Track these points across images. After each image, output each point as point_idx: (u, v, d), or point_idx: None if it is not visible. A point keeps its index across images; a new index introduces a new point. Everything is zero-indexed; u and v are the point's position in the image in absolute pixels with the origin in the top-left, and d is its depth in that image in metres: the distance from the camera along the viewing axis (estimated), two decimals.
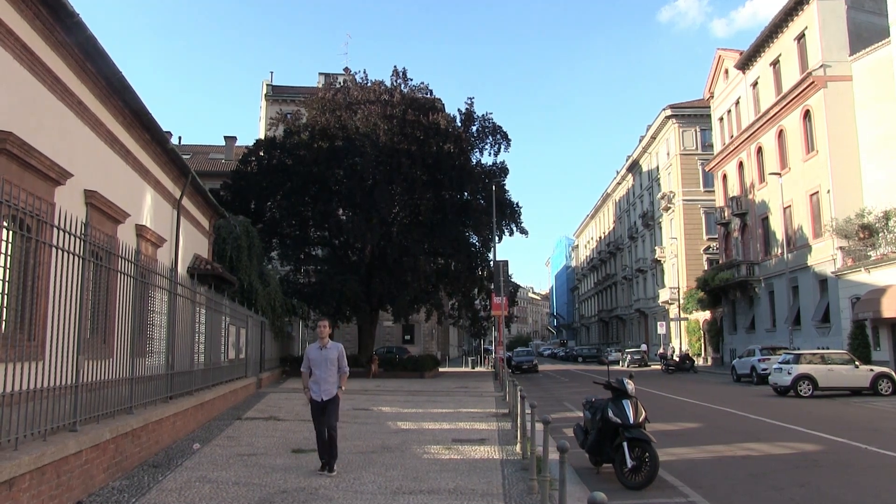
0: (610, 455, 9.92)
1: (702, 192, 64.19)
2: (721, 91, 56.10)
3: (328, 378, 10.00)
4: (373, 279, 40.45)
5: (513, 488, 8.80)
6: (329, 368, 10.03)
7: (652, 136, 73.20)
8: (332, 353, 10.09)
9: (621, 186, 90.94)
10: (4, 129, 9.71)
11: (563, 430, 14.15)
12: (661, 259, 70.76)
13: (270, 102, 65.67)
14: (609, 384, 10.37)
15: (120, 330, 9.42)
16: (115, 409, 9.27)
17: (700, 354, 58.87)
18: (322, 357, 10.06)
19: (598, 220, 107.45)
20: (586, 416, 11.03)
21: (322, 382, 9.99)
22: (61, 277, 7.28)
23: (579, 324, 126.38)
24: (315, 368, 10.06)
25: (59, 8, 10.78)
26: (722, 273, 51.80)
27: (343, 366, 10.17)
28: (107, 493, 8.14)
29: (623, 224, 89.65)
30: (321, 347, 10.12)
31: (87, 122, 13.22)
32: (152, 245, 17.91)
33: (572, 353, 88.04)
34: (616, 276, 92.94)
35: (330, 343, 10.17)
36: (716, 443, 13.70)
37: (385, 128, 38.60)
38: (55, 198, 11.30)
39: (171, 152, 19.03)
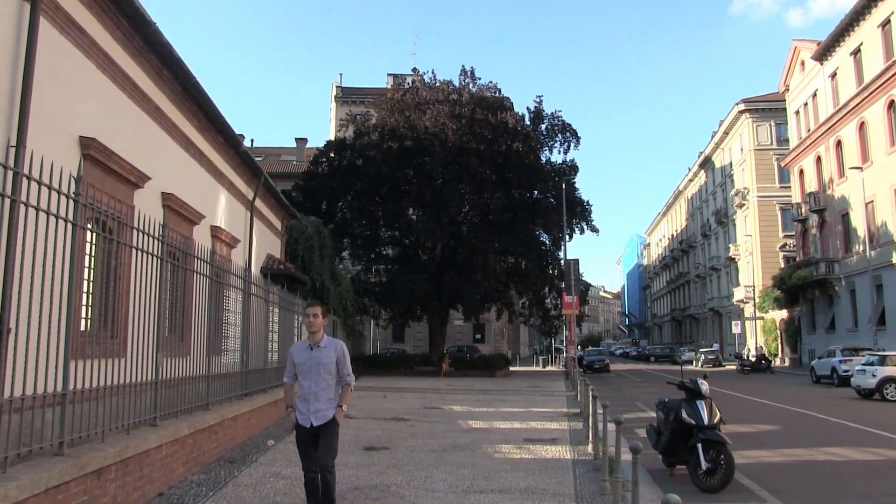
0: (684, 457, 9.70)
1: (777, 188, 62.41)
2: (797, 83, 54.48)
3: (320, 393, 6.73)
4: (443, 278, 40.58)
5: (584, 489, 8.71)
6: (322, 378, 6.74)
7: (724, 132, 71.50)
8: (328, 355, 6.82)
9: (693, 183, 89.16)
10: (88, 135, 10.06)
11: (636, 431, 13.94)
12: (735, 257, 69.11)
13: (340, 104, 66.50)
14: (683, 384, 10.16)
15: (196, 328, 9.65)
16: (192, 406, 9.51)
17: (777, 355, 57.28)
18: (312, 361, 6.79)
19: (670, 218, 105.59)
20: (659, 417, 10.83)
21: (312, 399, 6.72)
22: (141, 277, 7.51)
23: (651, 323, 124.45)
24: (302, 377, 6.83)
25: (138, 18, 11.12)
26: (799, 271, 50.26)
27: (345, 374, 6.90)
28: (186, 486, 8.37)
29: (695, 221, 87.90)
30: (311, 346, 6.87)
31: (164, 126, 13.59)
32: (227, 246, 18.31)
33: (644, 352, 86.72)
34: (689, 275, 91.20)
35: (325, 340, 6.91)
36: (795, 446, 13.26)
37: (454, 127, 38.65)
38: (134, 200, 11.65)
39: (243, 155, 19.41)
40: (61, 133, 9.46)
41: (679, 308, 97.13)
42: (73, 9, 9.68)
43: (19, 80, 8.42)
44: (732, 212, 69.90)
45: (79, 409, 6.30)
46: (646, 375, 44.94)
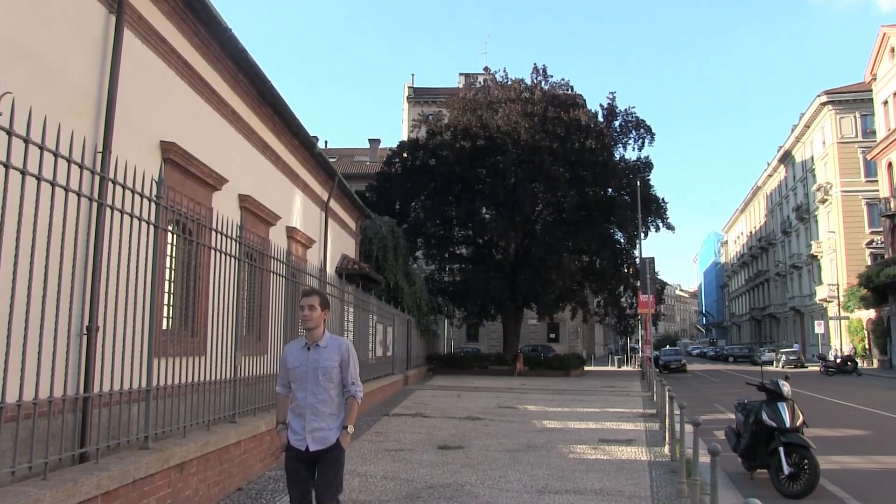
0: (765, 461, 9.39)
1: (863, 183, 60.04)
2: (886, 72, 52.35)
3: (319, 406, 5.17)
4: (517, 277, 40.47)
5: (661, 491, 8.56)
6: (321, 387, 5.19)
7: (805, 125, 69.20)
8: (329, 357, 5.25)
9: (773, 179, 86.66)
10: (168, 139, 10.38)
11: (714, 433, 13.62)
12: (817, 254, 66.83)
13: (412, 104, 66.98)
14: (763, 385, 9.87)
15: (273, 327, 9.84)
16: (269, 403, 9.68)
17: (864, 356, 55.20)
18: (308, 364, 5.24)
19: (749, 215, 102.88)
20: (738, 419, 10.55)
21: (308, 414, 5.17)
22: (219, 278, 7.69)
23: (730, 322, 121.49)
24: (296, 386, 5.28)
25: (214, 25, 11.41)
26: (888, 269, 48.25)
27: (350, 382, 5.30)
28: (263, 481, 8.55)
29: (775, 218, 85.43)
30: (307, 345, 5.31)
31: (241, 130, 13.91)
32: (302, 246, 18.62)
33: (722, 352, 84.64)
34: (768, 273, 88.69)
35: (327, 338, 5.33)
36: (886, 453, 12.58)
37: (526, 125, 38.50)
38: (212, 202, 11.95)
39: (318, 156, 19.73)
40: (143, 138, 9.78)
41: (758, 307, 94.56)
42: (154, 19, 10.01)
43: (105, 88, 8.75)
44: (814, 207, 67.64)
45: (162, 405, 6.51)
46: (724, 376, 43.88)
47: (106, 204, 5.52)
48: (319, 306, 5.29)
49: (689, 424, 8.03)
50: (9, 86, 4.38)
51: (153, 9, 9.98)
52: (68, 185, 4.85)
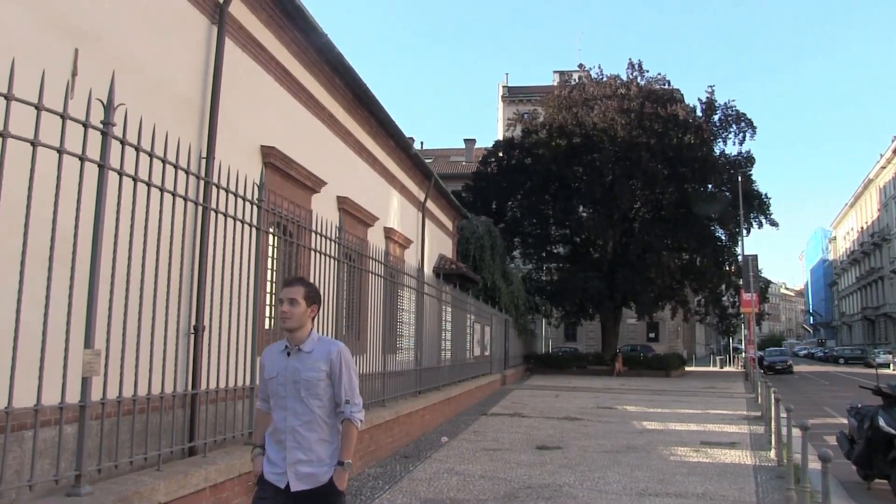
0: (883, 470, 8.77)
1: None
2: None
3: (304, 431, 3.84)
4: (615, 276, 39.91)
5: (767, 497, 8.26)
6: (303, 404, 3.85)
7: None
8: (313, 366, 3.89)
9: (886, 171, 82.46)
10: (268, 144, 10.68)
11: (824, 438, 13.06)
12: None
13: (507, 103, 66.89)
14: (879, 389, 9.30)
15: (372, 327, 9.98)
16: (369, 402, 9.84)
17: None
18: (287, 375, 3.91)
19: (859, 209, 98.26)
20: (851, 424, 10.00)
21: (289, 442, 3.84)
22: (319, 278, 7.85)
23: (839, 322, 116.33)
24: (275, 403, 3.95)
25: (311, 31, 11.68)
26: None
27: (344, 401, 3.89)
28: (363, 478, 8.69)
29: (889, 212, 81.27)
30: (286, 349, 3.97)
31: (338, 133, 14.18)
32: (400, 246, 18.83)
33: (832, 353, 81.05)
34: (882, 270, 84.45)
35: (312, 340, 3.97)
36: None
37: (622, 122, 37.92)
38: (311, 204, 12.22)
39: (414, 157, 19.93)
40: (244, 143, 10.10)
41: (872, 306, 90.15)
42: (253, 28, 10.33)
43: (208, 96, 9.09)
44: None
45: None
46: (834, 378, 42.05)
47: (210, 208, 5.72)
48: (304, 300, 3.91)
49: (798, 428, 7.73)
50: (121, 97, 4.59)
51: (252, 18, 10.29)
52: (175, 189, 5.05)
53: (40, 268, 4.06)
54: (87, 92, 4.35)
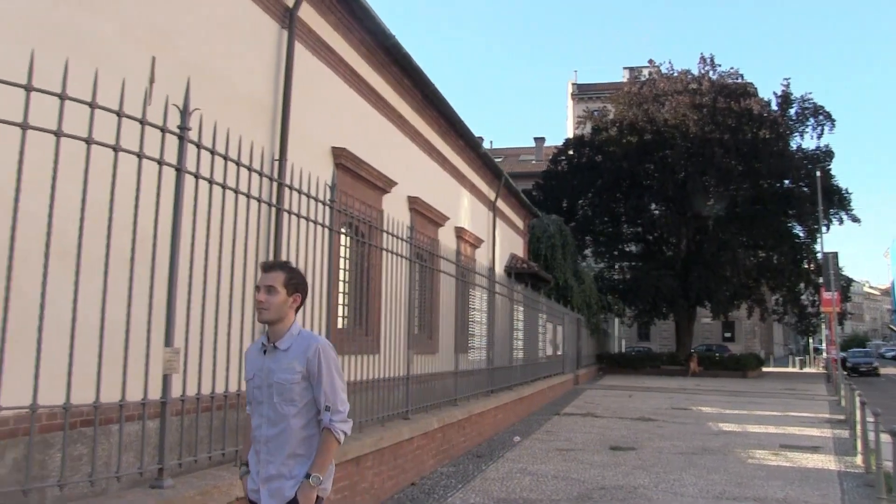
0: None
1: None
2: None
3: (275, 442, 3.31)
4: (689, 274, 39.19)
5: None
6: (276, 411, 3.32)
7: None
8: (287, 367, 3.32)
9: None
10: (339, 145, 10.81)
11: None
12: None
13: (576, 101, 66.37)
14: None
15: (443, 326, 10.01)
16: (441, 401, 9.87)
17: None
18: (262, 375, 3.39)
19: None
20: None
21: (262, 453, 3.35)
22: (391, 278, 7.92)
23: None
24: (252, 409, 3.45)
25: (379, 33, 11.79)
26: None
27: (324, 407, 3.30)
28: (436, 477, 8.72)
29: None
30: (264, 346, 3.43)
31: (407, 133, 14.28)
32: (470, 246, 18.85)
33: None
34: None
35: (291, 336, 3.40)
36: None
37: (694, 118, 37.24)
38: (382, 205, 12.33)
39: (483, 157, 19.92)
40: (316, 145, 10.25)
41: None
42: (322, 31, 10.49)
43: (280, 99, 9.27)
44: None
45: None
46: None
47: (283, 209, 5.82)
48: (284, 287, 3.35)
49: (886, 434, 7.41)
50: (197, 102, 4.71)
51: (321, 21, 10.45)
52: (249, 191, 5.16)
53: (122, 269, 4.20)
54: (164, 98, 4.47)
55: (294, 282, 3.42)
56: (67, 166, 3.91)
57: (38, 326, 3.72)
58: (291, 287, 3.40)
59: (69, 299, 3.93)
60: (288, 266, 3.51)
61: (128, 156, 4.15)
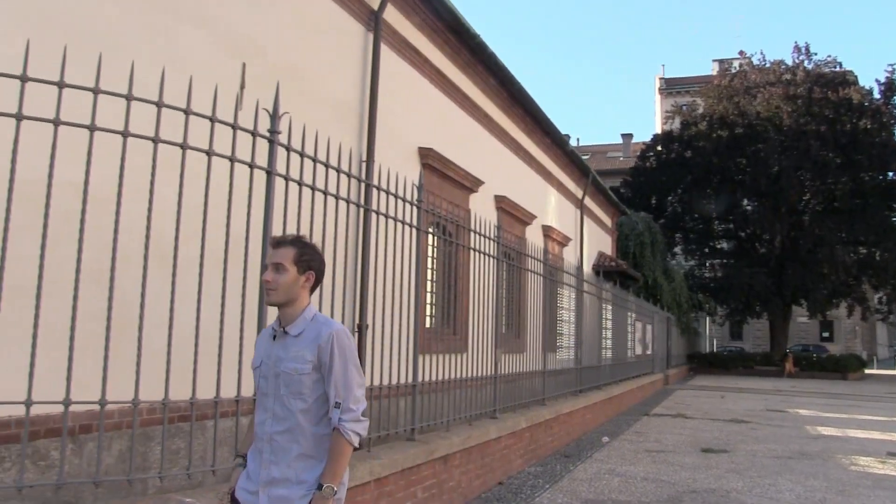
0: None
1: None
2: None
3: (282, 440, 2.88)
4: (784, 272, 37.94)
5: None
6: (283, 405, 2.89)
7: None
8: (296, 355, 2.89)
9: None
10: (425, 145, 10.88)
11: None
12: None
13: (664, 96, 65.15)
14: None
15: (531, 325, 9.95)
16: (529, 400, 9.82)
17: None
18: (271, 362, 2.96)
19: None
20: None
21: (266, 453, 2.90)
22: (478, 277, 7.91)
23: None
24: (258, 402, 3.03)
25: (464, 32, 11.81)
26: None
27: (334, 404, 2.85)
28: (523, 477, 8.67)
29: None
30: (274, 332, 3.01)
31: (493, 132, 14.26)
32: (558, 244, 18.71)
33: None
34: None
35: (305, 319, 2.98)
36: None
37: (788, 109, 36.01)
38: (469, 204, 12.34)
39: (570, 154, 19.75)
40: (402, 145, 10.34)
41: None
42: (407, 32, 10.58)
43: (366, 100, 9.40)
44: None
45: (426, 400, 6.81)
46: None
47: (371, 209, 5.89)
48: (294, 265, 2.95)
49: None
50: (286, 106, 4.80)
51: (406, 23, 10.53)
52: (338, 192, 5.23)
53: (216, 269, 4.31)
54: (254, 103, 4.58)
55: (306, 258, 3.00)
56: (164, 171, 4.06)
57: (138, 325, 3.88)
58: (303, 264, 2.98)
59: (167, 299, 4.08)
60: (300, 241, 3.06)
61: (220, 159, 4.27)
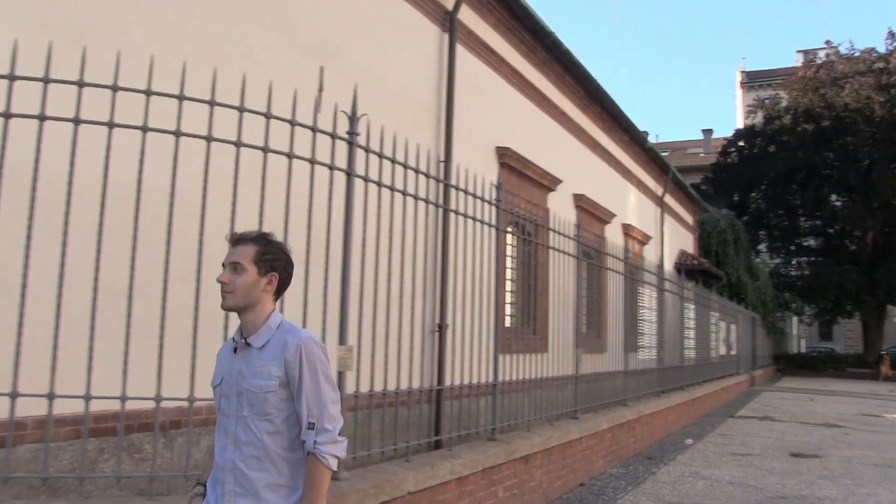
0: None
1: None
2: None
3: (247, 469, 2.45)
4: (877, 269, 36.50)
5: None
6: (247, 428, 2.47)
7: None
8: (260, 371, 2.47)
9: None
10: (503, 145, 10.86)
11: None
12: None
13: (746, 89, 63.48)
14: None
15: (612, 325, 9.84)
16: (610, 401, 9.70)
17: None
18: (233, 379, 2.54)
19: None
20: None
21: (229, 483, 2.47)
22: (557, 276, 7.85)
23: None
24: (217, 425, 2.63)
25: (539, 30, 11.76)
26: None
27: (306, 424, 2.45)
28: (605, 478, 8.55)
29: None
30: (235, 345, 2.59)
31: (571, 130, 14.15)
32: (638, 243, 18.45)
33: None
34: None
35: (269, 328, 2.55)
36: None
37: (880, 100, 34.53)
38: (548, 203, 12.26)
39: (650, 151, 19.45)
40: (479, 145, 10.34)
41: None
42: (482, 31, 10.58)
43: (443, 101, 9.43)
44: None
45: (506, 400, 6.80)
46: None
47: (450, 209, 5.90)
48: (254, 265, 2.53)
49: None
50: (363, 108, 4.85)
51: (480, 22, 10.53)
52: (417, 193, 5.26)
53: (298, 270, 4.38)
54: (332, 106, 4.64)
55: (268, 258, 2.57)
56: (246, 174, 4.15)
57: (223, 325, 3.97)
58: (264, 264, 2.56)
59: None
60: (263, 238, 2.63)
61: (300, 162, 4.34)
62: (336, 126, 4.59)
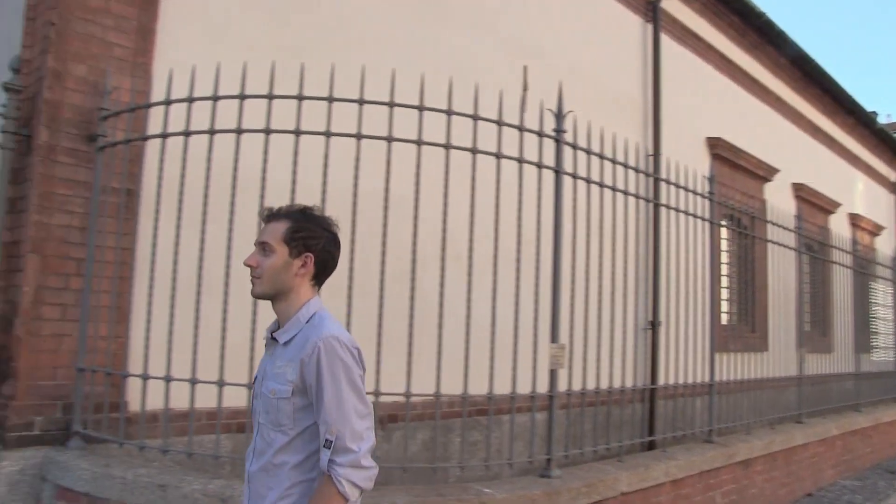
0: None
1: None
2: None
3: (258, 479, 2.16)
4: None
5: None
6: (264, 434, 2.18)
7: None
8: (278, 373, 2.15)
9: None
10: (713, 135, 10.42)
11: None
12: None
13: None
14: None
15: (839, 323, 9.18)
16: (838, 405, 9.04)
17: None
18: (261, 377, 2.27)
19: None
20: None
21: (246, 493, 2.22)
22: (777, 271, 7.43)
23: None
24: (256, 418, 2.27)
25: (748, 13, 11.12)
26: None
27: (324, 438, 2.04)
28: (837, 490, 7.95)
29: None
30: (270, 337, 2.25)
31: (787, 115, 13.30)
32: (868, 234, 17.06)
33: None
34: None
35: (299, 321, 2.19)
36: None
37: None
38: (764, 194, 11.61)
39: (879, 133, 17.87)
40: (689, 137, 9.96)
41: None
42: (686, 18, 10.20)
43: (649, 93, 9.19)
44: None
45: (723, 401, 6.52)
46: None
47: (661, 204, 5.75)
48: (284, 244, 2.19)
49: None
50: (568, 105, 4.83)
51: (685, 9, 10.15)
52: (626, 188, 5.17)
53: (509, 269, 4.44)
54: (537, 104, 4.65)
55: (301, 235, 2.19)
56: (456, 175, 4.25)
57: (437, 323, 4.10)
58: (297, 244, 2.19)
59: (463, 298, 4.26)
60: (299, 213, 2.27)
61: (508, 161, 4.39)
62: (542, 124, 4.60)
